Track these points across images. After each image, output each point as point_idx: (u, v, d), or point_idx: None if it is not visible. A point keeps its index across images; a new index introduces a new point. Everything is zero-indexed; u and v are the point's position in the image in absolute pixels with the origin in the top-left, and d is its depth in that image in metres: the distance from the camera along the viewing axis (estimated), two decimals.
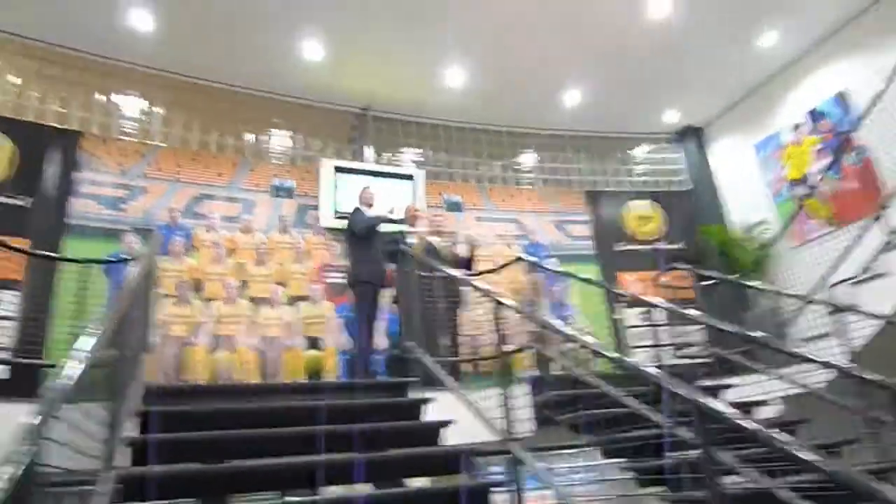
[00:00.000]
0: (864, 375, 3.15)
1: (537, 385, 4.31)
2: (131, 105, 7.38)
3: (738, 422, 1.80)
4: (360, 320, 5.24)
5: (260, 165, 7.80)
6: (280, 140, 8.21)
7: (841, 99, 7.77)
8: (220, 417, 3.29)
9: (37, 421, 1.36)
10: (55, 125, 6.80)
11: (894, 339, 4.40)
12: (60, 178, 6.55)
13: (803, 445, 1.81)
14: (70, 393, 1.58)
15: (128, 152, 7.06)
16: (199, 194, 7.26)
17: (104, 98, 7.23)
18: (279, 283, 7.12)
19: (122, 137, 7.14)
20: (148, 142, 7.28)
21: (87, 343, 1.90)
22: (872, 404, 4.03)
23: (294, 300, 7.10)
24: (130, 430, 2.90)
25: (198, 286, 6.75)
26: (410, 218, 6.09)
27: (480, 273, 6.78)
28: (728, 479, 2.71)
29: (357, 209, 5.64)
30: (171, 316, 6.38)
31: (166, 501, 3.52)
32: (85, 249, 5.96)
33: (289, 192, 7.73)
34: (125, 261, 5.77)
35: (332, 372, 6.91)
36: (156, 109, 7.48)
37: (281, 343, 6.80)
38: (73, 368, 1.66)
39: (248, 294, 6.92)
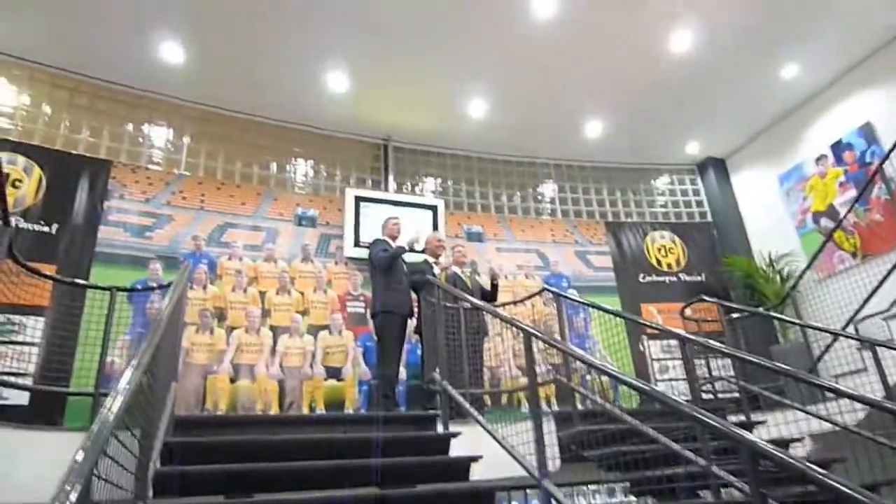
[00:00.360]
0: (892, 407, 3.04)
1: (563, 419, 4.24)
2: (159, 135, 7.53)
3: (792, 462, 1.74)
4: (386, 351, 5.20)
5: (283, 195, 7.87)
6: (303, 170, 8.30)
7: (865, 131, 7.72)
8: (246, 449, 3.26)
9: (85, 456, 1.35)
10: (84, 154, 6.94)
11: None
12: (88, 206, 6.65)
13: (854, 486, 1.74)
14: (115, 426, 1.57)
15: (154, 181, 7.17)
16: (224, 223, 7.33)
17: (133, 128, 7.38)
18: (300, 312, 7.14)
19: (149, 166, 7.26)
20: (174, 171, 7.39)
21: (129, 373, 1.90)
22: None
23: (315, 329, 7.11)
24: (159, 461, 2.89)
25: (220, 314, 6.79)
26: (435, 248, 6.08)
27: (504, 304, 6.75)
28: None
29: (379, 240, 5.64)
30: (194, 344, 6.41)
31: None
32: (111, 277, 6.02)
33: (312, 222, 7.78)
34: (153, 288, 5.83)
35: (352, 402, 6.89)
36: (183, 140, 7.62)
37: (301, 372, 6.80)
38: (117, 400, 1.65)
39: (270, 323, 6.95)
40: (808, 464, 1.79)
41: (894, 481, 3.63)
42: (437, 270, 5.85)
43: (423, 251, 6.40)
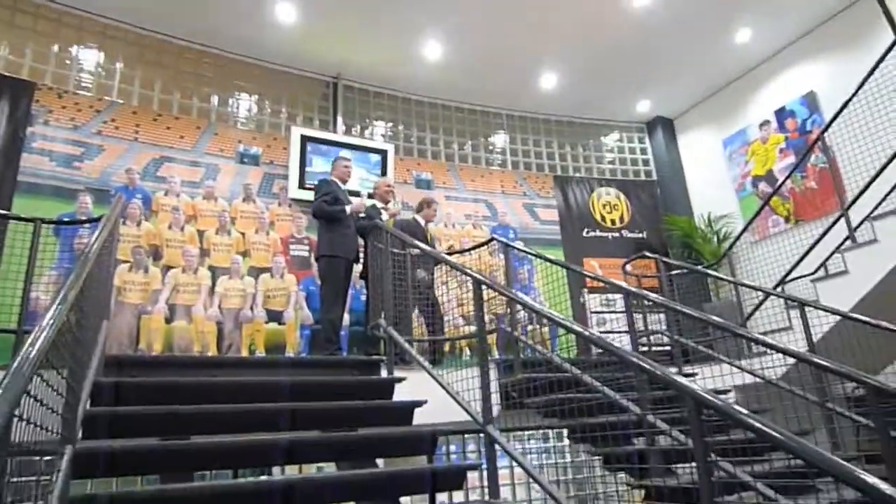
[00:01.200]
0: (820, 362, 3.21)
1: (506, 367, 4.31)
2: (89, 58, 6.95)
3: (737, 412, 1.79)
4: (329, 295, 5.11)
5: (225, 130, 7.48)
6: (247, 105, 7.89)
7: (808, 99, 7.94)
8: (183, 391, 3.15)
9: (2, 395, 1.23)
10: (4, 73, 6.35)
11: (850, 335, 4.54)
12: (8, 130, 6.12)
13: (786, 433, 1.81)
14: (36, 364, 1.44)
15: (83, 108, 6.65)
16: (160, 156, 6.92)
17: (60, 48, 6.78)
18: (240, 254, 6.93)
19: (78, 92, 6.72)
20: (106, 98, 6.87)
21: (53, 309, 1.75)
22: (827, 395, 4.19)
23: (256, 271, 6.93)
24: (89, 402, 2.75)
25: (155, 252, 6.50)
26: (384, 193, 5.96)
27: (451, 253, 6.73)
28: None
29: (324, 181, 5.46)
30: (127, 283, 6.14)
31: (125, 477, 3.40)
32: (35, 208, 5.64)
33: (255, 160, 7.46)
34: (82, 222, 5.49)
35: (294, 347, 6.81)
36: (115, 65, 7.06)
37: (241, 315, 6.65)
38: (41, 336, 1.52)
39: (209, 263, 6.72)
40: (748, 413, 1.84)
41: (808, 431, 3.86)
42: (385, 216, 5.75)
43: (371, 195, 6.27)
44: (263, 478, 3.99)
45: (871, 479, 1.54)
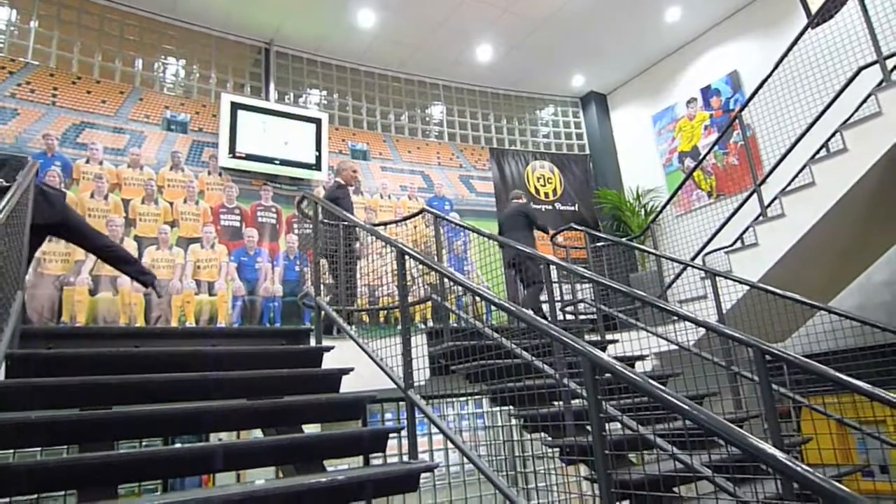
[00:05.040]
0: (727, 332, 3.47)
1: (434, 335, 4.42)
2: (0, 16, 6.53)
3: (626, 374, 1.94)
4: None
5: (150, 95, 7.20)
6: (174, 69, 7.60)
7: (732, 78, 8.29)
8: (104, 362, 3.11)
9: None
10: None
11: (758, 304, 4.86)
12: None
13: (675, 395, 1.98)
14: None
15: None
16: (80, 122, 6.61)
17: None
18: (168, 223, 6.76)
19: None
20: (20, 59, 6.49)
21: None
22: (734, 361, 4.51)
23: (185, 242, 6.78)
24: (3, 374, 2.69)
25: None
26: (349, 178, 5.94)
27: (384, 223, 6.77)
28: (609, 426, 2.94)
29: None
30: (46, 253, 5.92)
31: (46, 448, 3.35)
32: None
33: (182, 127, 7.23)
34: None
35: (226, 318, 6.75)
36: (30, 24, 6.65)
37: (170, 286, 6.52)
38: None
39: (135, 233, 6.53)
40: (634, 373, 2.00)
41: (715, 393, 4.15)
42: (321, 189, 5.73)
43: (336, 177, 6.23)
44: (186, 445, 3.99)
45: (737, 431, 1.71)
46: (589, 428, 3.30)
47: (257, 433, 3.50)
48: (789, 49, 5.67)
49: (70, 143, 6.48)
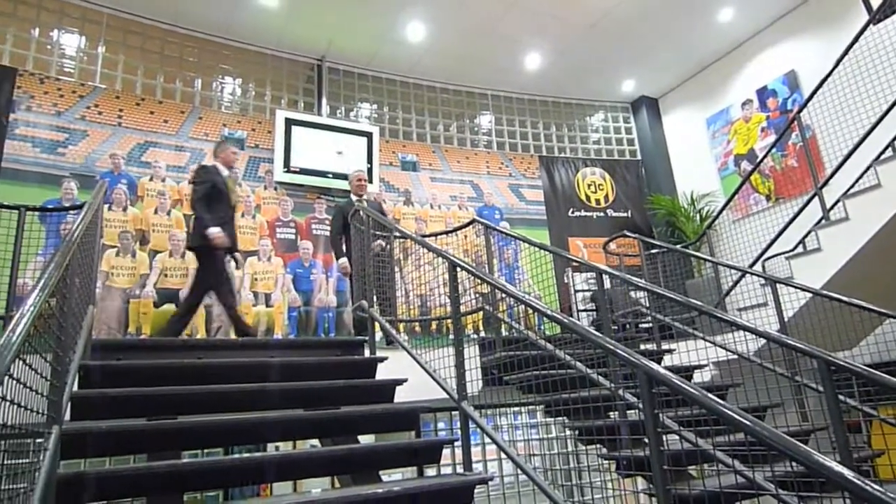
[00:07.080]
0: (790, 342, 3.34)
1: (487, 346, 4.42)
2: (71, 43, 6.93)
3: (683, 387, 1.90)
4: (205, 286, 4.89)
5: (209, 114, 7.50)
6: (231, 88, 7.90)
7: (789, 78, 8.02)
8: (169, 373, 3.24)
9: None
10: None
11: (822, 311, 4.67)
12: None
13: (733, 408, 1.92)
14: (17, 348, 1.53)
15: (66, 93, 6.65)
16: (144, 141, 6.94)
17: (40, 33, 6.75)
18: None
19: (60, 77, 6.71)
20: (89, 83, 6.87)
21: (34, 295, 1.83)
22: (798, 371, 4.33)
23: (243, 255, 6.98)
24: (76, 385, 2.84)
25: (142, 237, 6.56)
26: (356, 188, 6.02)
27: (435, 235, 6.82)
28: (667, 438, 2.87)
29: (208, 168, 5.08)
30: (114, 267, 6.20)
31: (113, 458, 3.50)
32: (19, 194, 5.67)
33: (240, 143, 7.48)
34: (67, 209, 5.54)
35: (282, 329, 6.91)
36: (97, 50, 7.03)
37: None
38: (21, 322, 1.60)
39: None
40: (691, 386, 1.95)
41: (778, 405, 4.00)
42: (364, 203, 5.82)
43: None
44: (246, 455, 4.11)
45: (802, 448, 1.65)
46: (646, 440, 3.25)
47: (313, 441, 3.58)
48: (850, 46, 5.46)
49: (135, 162, 6.80)
